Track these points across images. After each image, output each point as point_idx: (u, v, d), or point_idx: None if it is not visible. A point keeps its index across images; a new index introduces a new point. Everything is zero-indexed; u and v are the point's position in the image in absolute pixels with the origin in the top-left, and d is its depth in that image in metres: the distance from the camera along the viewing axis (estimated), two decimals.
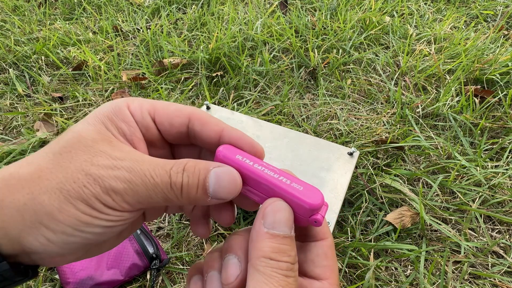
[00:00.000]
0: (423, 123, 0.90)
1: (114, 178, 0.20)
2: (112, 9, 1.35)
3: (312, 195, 0.21)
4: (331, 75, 1.05)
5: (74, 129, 0.21)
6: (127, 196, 0.20)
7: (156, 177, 0.20)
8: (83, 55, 1.10)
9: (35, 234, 0.19)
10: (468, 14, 1.29)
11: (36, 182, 0.19)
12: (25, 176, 0.20)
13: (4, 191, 0.19)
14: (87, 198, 0.19)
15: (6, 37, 1.20)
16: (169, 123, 0.24)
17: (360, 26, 1.21)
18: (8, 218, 0.19)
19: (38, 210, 0.19)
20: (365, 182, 0.75)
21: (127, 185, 0.20)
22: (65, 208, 0.19)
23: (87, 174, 0.20)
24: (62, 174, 0.20)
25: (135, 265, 0.61)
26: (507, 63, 0.99)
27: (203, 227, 0.27)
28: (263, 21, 1.19)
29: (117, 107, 0.23)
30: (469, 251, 0.66)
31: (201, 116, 0.24)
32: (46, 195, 0.19)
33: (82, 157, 0.20)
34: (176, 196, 0.21)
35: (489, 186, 0.75)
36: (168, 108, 0.24)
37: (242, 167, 0.22)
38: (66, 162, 0.20)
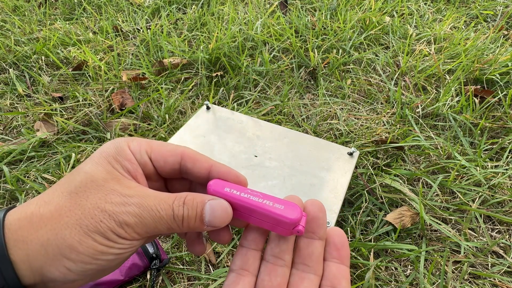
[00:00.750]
0: (423, 123, 0.90)
1: (126, 214, 0.23)
2: (112, 9, 1.35)
3: (291, 212, 0.25)
4: (331, 75, 1.05)
5: (85, 169, 0.25)
6: (137, 228, 0.23)
7: (161, 211, 0.24)
8: (83, 55, 1.10)
9: (57, 265, 0.22)
10: (468, 14, 1.29)
11: (57, 220, 0.22)
12: (46, 214, 0.23)
13: (28, 229, 0.22)
14: (103, 231, 0.22)
15: (6, 37, 1.20)
16: (164, 161, 0.27)
17: (360, 26, 1.21)
18: (33, 253, 0.22)
19: (61, 244, 0.22)
20: (365, 182, 0.75)
21: (138, 219, 0.23)
22: (85, 240, 0.22)
23: (102, 211, 0.23)
24: (81, 211, 0.23)
25: (135, 265, 0.61)
26: (507, 63, 0.99)
27: (199, 246, 0.31)
28: (263, 21, 1.19)
29: (120, 148, 0.26)
30: (469, 251, 0.66)
31: (192, 155, 0.28)
32: (67, 230, 0.22)
33: (96, 196, 0.23)
34: (178, 226, 0.25)
35: (489, 186, 0.75)
36: (163, 148, 0.27)
37: (231, 198, 0.26)
38: (83, 200, 0.23)
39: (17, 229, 0.22)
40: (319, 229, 0.27)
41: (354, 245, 0.65)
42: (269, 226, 0.26)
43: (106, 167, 0.25)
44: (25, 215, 0.23)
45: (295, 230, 0.25)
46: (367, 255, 0.64)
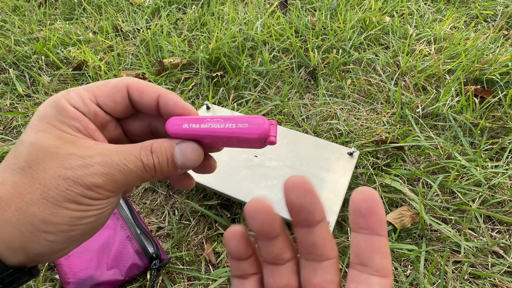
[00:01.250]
0: (423, 123, 0.90)
1: (92, 175, 0.21)
2: (112, 9, 1.35)
3: (257, 127, 0.24)
4: (331, 75, 1.05)
5: (28, 140, 0.22)
6: (108, 186, 0.22)
7: (129, 164, 0.23)
8: (83, 55, 1.10)
9: (38, 240, 0.21)
10: (468, 14, 1.29)
11: (20, 198, 0.21)
12: (5, 195, 0.21)
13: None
14: (73, 198, 0.21)
15: (6, 37, 1.20)
16: (113, 101, 0.25)
17: (360, 26, 1.21)
18: (7, 236, 0.20)
19: (32, 220, 0.21)
20: (365, 182, 0.75)
21: (106, 177, 0.22)
22: (57, 211, 0.21)
23: (64, 178, 0.21)
24: (42, 185, 0.21)
25: (135, 265, 0.61)
26: (507, 63, 0.99)
27: (186, 180, 0.29)
28: (263, 21, 1.19)
29: (60, 107, 0.23)
30: (469, 251, 0.66)
31: (137, 86, 0.25)
32: (35, 207, 0.21)
33: (53, 165, 0.21)
34: (150, 175, 0.24)
35: (489, 186, 0.75)
36: (105, 88, 0.25)
37: (194, 132, 0.25)
38: (39, 173, 0.21)
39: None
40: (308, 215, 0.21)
41: None
42: (240, 145, 0.25)
43: (52, 132, 0.22)
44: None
45: (267, 142, 0.24)
46: None
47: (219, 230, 0.70)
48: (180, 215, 0.73)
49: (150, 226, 0.71)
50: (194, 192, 0.76)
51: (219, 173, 0.70)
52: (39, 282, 0.62)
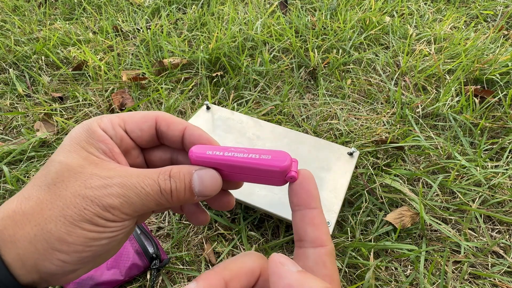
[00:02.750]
0: (423, 123, 0.90)
1: (109, 196, 0.22)
2: (112, 9, 1.35)
3: (279, 159, 0.23)
4: (331, 75, 1.05)
5: (58, 159, 0.23)
6: (124, 208, 0.22)
7: (146, 187, 0.23)
8: (83, 55, 1.10)
9: (51, 259, 0.21)
10: (468, 14, 1.29)
11: (40, 214, 0.22)
12: (28, 210, 0.22)
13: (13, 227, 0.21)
14: (89, 218, 0.22)
15: (6, 37, 1.20)
16: (140, 129, 0.26)
17: (360, 26, 1.21)
18: (23, 251, 0.21)
19: (48, 238, 0.21)
20: (365, 182, 0.75)
21: (122, 199, 0.22)
22: (72, 231, 0.21)
23: (84, 197, 0.22)
24: (62, 202, 0.22)
25: (135, 265, 0.61)
26: (507, 63, 0.99)
27: (201, 215, 0.29)
28: (263, 21, 1.19)
29: (91, 129, 0.24)
30: (469, 251, 0.66)
31: (165, 118, 0.27)
32: (52, 224, 0.21)
33: (75, 184, 0.22)
34: (166, 200, 0.24)
35: (489, 186, 0.75)
36: (135, 117, 0.26)
37: (216, 160, 0.25)
38: (62, 191, 0.22)
39: (2, 230, 0.21)
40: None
41: (354, 245, 0.65)
42: (260, 180, 0.25)
43: (80, 153, 0.23)
44: (7, 214, 0.22)
45: (288, 178, 0.24)
46: (367, 255, 0.64)
47: (219, 230, 0.70)
48: (180, 215, 0.73)
49: (150, 226, 0.71)
50: None
51: None
52: None
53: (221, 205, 0.28)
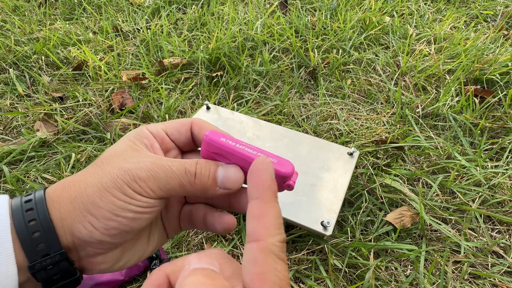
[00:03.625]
0: (423, 123, 0.90)
1: (140, 169, 0.25)
2: (112, 9, 1.35)
3: (284, 166, 0.25)
4: (331, 75, 1.05)
5: (110, 148, 0.28)
6: (150, 182, 0.25)
7: (173, 166, 0.26)
8: (83, 55, 1.10)
9: (83, 221, 0.25)
10: (468, 14, 1.29)
11: (83, 181, 0.26)
12: (75, 178, 0.26)
13: (61, 190, 0.26)
14: (120, 186, 0.25)
15: (6, 37, 1.20)
16: (178, 132, 0.30)
17: (360, 26, 1.21)
18: (64, 210, 0.25)
19: (85, 200, 0.25)
20: (365, 182, 0.75)
21: (150, 173, 0.25)
22: (104, 196, 0.25)
23: (120, 169, 0.25)
24: (102, 172, 0.26)
25: (135, 265, 0.61)
26: (507, 63, 0.99)
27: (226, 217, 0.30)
28: (263, 21, 1.19)
29: (139, 129, 0.30)
30: (469, 251, 0.66)
31: (198, 122, 0.30)
32: (90, 189, 0.25)
33: (117, 160, 0.26)
34: (189, 182, 0.26)
35: (489, 186, 0.75)
36: (175, 122, 0.31)
37: (227, 147, 0.26)
38: (105, 165, 0.26)
39: (53, 192, 0.26)
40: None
41: (354, 245, 0.65)
42: None
43: (127, 143, 0.28)
44: (60, 182, 0.27)
45: (285, 185, 0.25)
46: (367, 255, 0.64)
47: None
48: None
49: None
50: None
51: None
52: None
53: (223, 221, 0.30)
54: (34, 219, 0.25)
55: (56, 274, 0.25)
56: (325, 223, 0.61)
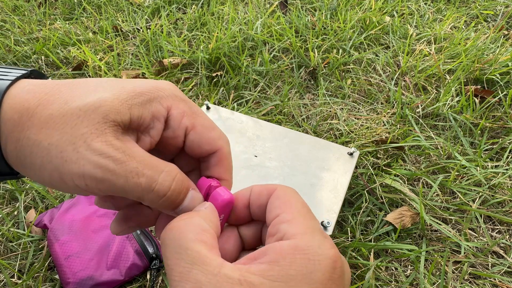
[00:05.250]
0: (423, 123, 0.90)
1: (97, 166, 0.20)
2: (112, 9, 1.35)
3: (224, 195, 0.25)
4: (331, 75, 1.05)
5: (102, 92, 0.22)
6: (103, 186, 0.20)
7: (141, 177, 0.21)
8: (83, 55, 1.10)
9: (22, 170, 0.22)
10: (468, 14, 1.29)
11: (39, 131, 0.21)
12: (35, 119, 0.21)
13: (14, 126, 0.21)
14: (63, 174, 0.20)
15: (6, 37, 1.20)
16: (198, 146, 0.25)
17: (360, 26, 1.21)
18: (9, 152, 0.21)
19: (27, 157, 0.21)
20: (365, 182, 0.75)
21: (107, 176, 0.20)
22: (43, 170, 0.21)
23: (74, 150, 0.20)
24: (57, 137, 0.20)
25: (135, 265, 0.61)
26: (507, 63, 0.99)
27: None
28: (263, 21, 1.19)
29: (157, 100, 0.23)
30: (469, 251, 0.66)
31: (223, 155, 0.26)
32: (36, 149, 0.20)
33: (82, 129, 0.20)
34: (153, 198, 0.22)
35: (489, 186, 0.75)
36: (205, 134, 0.25)
37: None
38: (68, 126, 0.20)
39: (8, 120, 0.21)
40: None
41: (354, 245, 0.65)
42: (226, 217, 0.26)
43: (120, 105, 0.21)
44: (20, 108, 0.21)
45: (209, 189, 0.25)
46: (367, 255, 0.64)
47: None
48: None
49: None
50: None
51: None
52: (39, 283, 0.62)
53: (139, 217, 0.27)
54: None
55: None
56: (325, 223, 0.61)
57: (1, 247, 0.69)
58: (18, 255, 0.67)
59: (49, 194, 0.76)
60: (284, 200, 0.22)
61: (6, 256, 0.67)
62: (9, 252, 0.68)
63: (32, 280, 0.63)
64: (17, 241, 0.69)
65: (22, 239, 0.68)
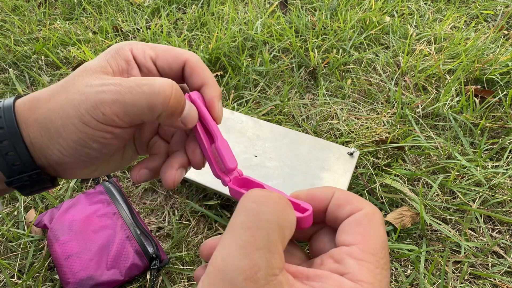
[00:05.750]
0: (423, 123, 0.90)
1: (103, 92, 0.23)
2: (112, 9, 1.35)
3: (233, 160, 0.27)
4: (331, 75, 1.05)
5: (87, 63, 0.26)
6: (115, 106, 0.23)
7: (143, 86, 0.23)
8: (83, 55, 1.10)
9: (51, 148, 0.24)
10: (468, 14, 1.29)
11: (48, 103, 0.24)
12: (42, 98, 0.24)
13: (28, 111, 0.24)
14: (81, 116, 0.23)
15: (6, 37, 1.20)
16: (168, 67, 0.28)
17: (360, 26, 1.21)
18: (33, 134, 0.24)
19: (50, 127, 0.23)
20: (365, 182, 0.75)
21: (114, 96, 0.23)
22: (67, 126, 0.23)
23: (81, 93, 0.23)
24: (65, 95, 0.23)
25: (135, 265, 0.61)
26: (507, 63, 0.99)
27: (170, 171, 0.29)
28: (263, 21, 1.19)
29: (120, 48, 0.26)
30: (469, 251, 0.66)
31: (193, 65, 0.28)
32: (54, 115, 0.23)
33: (81, 81, 0.23)
34: (162, 103, 0.24)
35: (489, 186, 0.75)
36: (168, 54, 0.27)
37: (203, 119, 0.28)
38: (69, 85, 0.24)
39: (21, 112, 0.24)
40: None
41: None
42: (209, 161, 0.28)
43: (100, 61, 0.25)
44: (27, 99, 0.24)
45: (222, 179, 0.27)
46: None
47: (219, 230, 0.70)
48: (180, 215, 0.73)
49: (150, 226, 0.71)
50: (194, 192, 0.76)
51: None
52: (39, 283, 0.62)
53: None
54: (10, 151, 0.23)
55: (33, 186, 0.25)
56: None
57: (1, 247, 0.69)
58: (18, 255, 0.67)
59: (49, 194, 0.76)
60: (365, 231, 0.21)
61: (6, 256, 0.67)
62: (9, 252, 0.68)
63: (32, 280, 0.63)
64: (17, 241, 0.69)
65: (22, 239, 0.68)
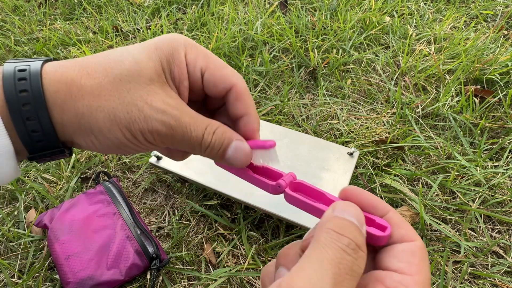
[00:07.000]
0: (423, 123, 0.90)
1: (162, 123, 0.24)
2: (112, 9, 1.35)
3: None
4: (331, 75, 1.05)
5: (135, 57, 0.24)
6: (166, 139, 0.25)
7: (193, 131, 0.25)
8: (83, 55, 1.10)
9: (85, 138, 0.24)
10: (468, 14, 1.29)
11: (96, 98, 0.23)
12: (86, 88, 0.23)
13: (66, 96, 0.23)
14: (133, 131, 0.24)
15: (6, 37, 1.20)
16: (214, 84, 0.27)
17: (360, 26, 1.21)
18: (67, 122, 0.23)
19: (93, 124, 0.23)
20: (365, 182, 0.75)
21: (170, 132, 0.24)
22: (114, 131, 0.23)
23: (139, 111, 0.23)
24: (119, 101, 0.23)
25: (135, 265, 0.61)
26: (507, 63, 0.99)
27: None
28: (263, 21, 1.19)
29: (176, 51, 0.26)
30: (469, 251, 0.66)
31: (240, 91, 0.27)
32: (102, 114, 0.23)
33: (138, 92, 0.23)
34: (200, 150, 0.26)
35: (489, 186, 0.75)
36: (218, 71, 0.27)
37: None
38: (124, 91, 0.23)
39: (56, 92, 0.23)
40: None
41: None
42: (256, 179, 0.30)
43: (156, 65, 0.25)
44: (65, 80, 0.23)
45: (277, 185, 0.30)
46: None
47: (219, 230, 0.70)
48: (180, 215, 0.73)
49: (150, 226, 0.71)
50: (194, 192, 0.76)
51: (219, 173, 0.70)
52: (39, 282, 0.62)
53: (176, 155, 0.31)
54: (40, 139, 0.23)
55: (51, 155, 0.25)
56: None
57: (1, 247, 0.69)
58: (18, 255, 0.67)
59: (49, 194, 0.76)
60: (420, 264, 0.21)
61: (6, 256, 0.67)
62: (9, 252, 0.68)
63: (32, 280, 0.63)
64: (17, 241, 0.69)
65: (22, 239, 0.69)
